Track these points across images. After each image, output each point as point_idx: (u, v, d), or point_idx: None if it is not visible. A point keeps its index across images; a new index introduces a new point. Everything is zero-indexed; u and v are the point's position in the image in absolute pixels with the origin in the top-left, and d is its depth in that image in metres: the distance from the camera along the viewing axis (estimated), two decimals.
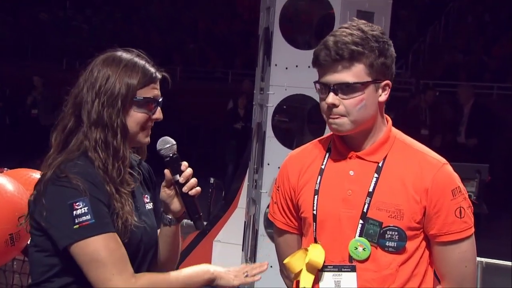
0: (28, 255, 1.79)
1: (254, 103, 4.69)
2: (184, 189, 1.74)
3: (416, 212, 1.71)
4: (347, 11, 4.13)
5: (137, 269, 1.70)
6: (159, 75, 1.75)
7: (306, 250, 1.78)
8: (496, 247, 6.08)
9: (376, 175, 1.73)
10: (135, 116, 1.71)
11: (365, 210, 1.72)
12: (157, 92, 1.74)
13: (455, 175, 1.76)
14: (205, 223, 5.15)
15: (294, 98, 4.34)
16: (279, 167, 4.33)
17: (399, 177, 1.72)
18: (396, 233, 1.70)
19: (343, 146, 1.78)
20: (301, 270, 1.77)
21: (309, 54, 4.43)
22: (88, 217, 1.60)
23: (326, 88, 1.72)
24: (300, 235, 1.87)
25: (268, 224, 4.49)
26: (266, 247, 4.32)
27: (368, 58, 1.70)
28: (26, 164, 2.88)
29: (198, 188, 1.75)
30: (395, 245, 1.71)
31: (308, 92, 4.22)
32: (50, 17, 16.34)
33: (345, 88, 1.70)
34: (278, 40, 4.24)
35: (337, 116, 1.72)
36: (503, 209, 8.39)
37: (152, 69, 1.74)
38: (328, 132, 4.64)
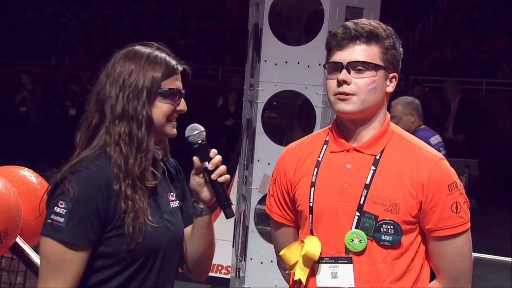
0: None
1: (244, 99, 4.69)
2: (213, 176, 1.72)
3: (412, 206, 1.71)
4: (336, 7, 4.13)
5: (159, 268, 1.69)
6: (180, 67, 1.75)
7: (302, 242, 1.78)
8: (485, 241, 6.13)
9: (373, 167, 1.74)
10: (161, 107, 1.70)
11: (361, 203, 1.72)
12: (179, 83, 1.74)
13: (452, 170, 1.77)
14: None
15: (284, 94, 4.34)
16: (269, 163, 4.36)
17: (396, 171, 1.73)
18: (391, 226, 1.70)
19: (340, 139, 1.78)
20: (296, 262, 1.78)
21: (298, 50, 4.46)
22: (61, 219, 1.60)
23: (338, 67, 1.73)
24: (296, 228, 1.87)
25: (259, 220, 4.50)
26: (256, 243, 4.32)
27: (384, 42, 1.73)
28: (15, 161, 2.86)
29: (227, 176, 1.73)
30: (390, 239, 1.71)
31: (298, 88, 4.22)
32: (38, 14, 16.22)
33: (359, 66, 1.71)
34: (268, 36, 4.24)
35: (346, 94, 1.72)
36: (491, 204, 8.45)
37: (174, 61, 1.74)
38: (317, 130, 4.64)
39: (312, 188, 1.77)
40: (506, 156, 9.40)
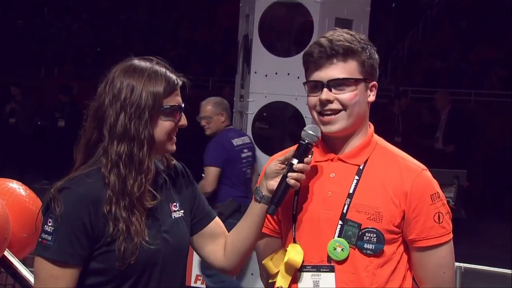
0: None
1: (234, 110, 4.70)
2: (289, 174, 1.71)
3: (395, 215, 1.73)
4: (326, 19, 4.16)
5: (159, 280, 1.67)
6: (180, 82, 1.72)
7: (285, 250, 1.78)
8: (475, 252, 6.14)
9: (356, 177, 1.75)
10: (163, 125, 1.67)
11: (344, 211, 1.73)
12: (179, 98, 1.71)
13: (434, 181, 1.78)
14: None
15: (274, 105, 4.36)
16: (259, 174, 4.35)
17: (379, 181, 1.75)
18: (374, 235, 1.71)
19: (325, 149, 1.80)
20: (278, 272, 1.78)
21: (288, 61, 4.49)
22: (49, 238, 1.60)
23: (318, 85, 1.75)
24: (280, 238, 1.87)
25: None
26: None
27: (360, 56, 1.75)
28: (3, 173, 2.84)
29: (298, 184, 1.72)
30: (373, 248, 1.72)
31: (288, 99, 4.23)
32: (28, 24, 16.18)
33: (340, 84, 1.73)
34: (258, 47, 4.26)
35: (331, 113, 1.74)
36: (482, 213, 8.48)
37: (174, 76, 1.71)
38: None
39: (296, 197, 1.78)
40: (496, 167, 9.45)
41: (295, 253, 1.74)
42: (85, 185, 1.63)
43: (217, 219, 1.87)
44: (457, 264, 4.06)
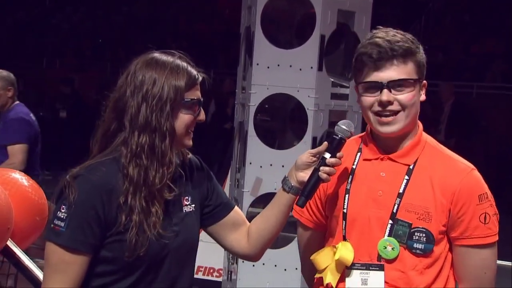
0: None
1: (236, 102, 4.69)
2: (322, 168, 1.73)
3: (442, 215, 1.74)
4: (328, 10, 4.14)
5: (168, 271, 1.69)
6: (200, 77, 1.74)
7: (334, 247, 1.79)
8: None
9: (406, 177, 1.77)
10: (183, 118, 1.69)
11: (394, 211, 1.75)
12: (199, 93, 1.73)
13: (483, 181, 1.80)
14: None
15: (276, 97, 4.35)
16: (261, 166, 4.37)
17: (429, 180, 1.76)
18: (424, 234, 1.73)
19: (375, 148, 1.81)
20: (326, 267, 1.79)
21: (291, 53, 4.47)
22: (62, 224, 1.62)
23: (376, 86, 1.75)
24: (323, 233, 1.89)
25: None
26: None
27: (417, 56, 1.77)
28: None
29: (329, 178, 1.74)
30: (422, 247, 1.74)
31: (290, 91, 4.22)
32: (29, 16, 16.15)
33: (400, 85, 1.74)
34: (260, 39, 4.24)
35: (391, 114, 1.75)
36: None
37: (194, 71, 1.73)
38: (309, 133, 4.64)
39: (347, 195, 1.80)
40: (498, 160, 9.44)
41: (346, 251, 1.76)
42: (100, 174, 1.64)
43: (236, 208, 1.89)
44: None
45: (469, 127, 8.37)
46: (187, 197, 1.78)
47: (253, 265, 4.31)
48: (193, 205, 1.79)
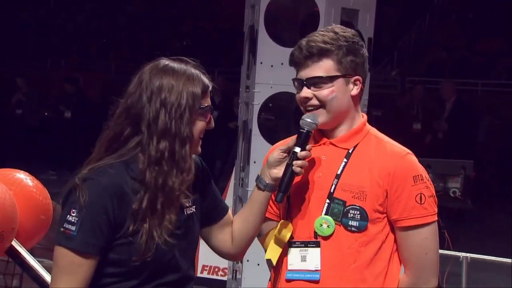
0: None
1: (239, 101, 4.69)
2: (295, 162, 1.79)
3: (378, 194, 1.83)
4: (332, 9, 4.13)
5: (170, 271, 1.71)
6: (211, 85, 1.78)
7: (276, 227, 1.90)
8: (481, 242, 6.13)
9: (345, 160, 1.87)
10: (198, 125, 1.72)
11: (331, 191, 1.85)
12: (209, 100, 1.77)
13: (419, 165, 1.89)
14: None
15: (280, 96, 4.34)
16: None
17: (366, 163, 1.86)
18: (358, 212, 1.82)
19: (318, 134, 1.92)
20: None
21: None
22: (73, 228, 1.62)
23: (300, 83, 1.89)
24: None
25: None
26: (253, 245, 4.31)
27: (336, 55, 1.86)
28: (10, 164, 2.85)
29: (302, 170, 1.81)
30: (357, 224, 1.82)
31: (294, 89, 4.21)
32: (33, 16, 16.18)
33: (316, 82, 1.86)
34: (263, 37, 4.24)
35: (313, 108, 1.87)
36: (489, 204, 8.46)
37: (206, 79, 1.77)
38: None
39: None
40: (503, 157, 9.42)
41: (283, 229, 1.87)
42: (109, 176, 1.65)
43: (229, 209, 1.93)
44: (463, 254, 4.07)
45: (469, 125, 8.35)
46: (188, 199, 1.78)
47: (258, 264, 4.31)
48: (194, 207, 1.80)
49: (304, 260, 1.84)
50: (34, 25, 15.91)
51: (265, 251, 1.97)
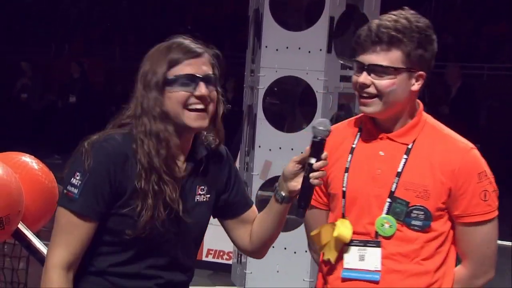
0: None
1: (244, 85, 4.67)
2: (311, 175, 1.70)
3: (441, 193, 1.77)
4: None
5: (169, 252, 1.72)
6: (198, 51, 1.70)
7: (334, 224, 1.83)
8: None
9: (405, 156, 1.79)
10: (174, 96, 1.66)
11: (393, 189, 1.78)
12: (196, 68, 1.68)
13: (482, 159, 1.83)
14: None
15: (285, 80, 4.33)
16: (270, 149, 4.36)
17: (427, 159, 1.79)
18: (422, 212, 1.77)
19: (374, 128, 1.84)
20: (326, 243, 1.84)
21: (299, 35, 4.44)
22: (76, 191, 1.65)
23: (360, 67, 1.79)
24: (328, 211, 1.92)
25: (260, 206, 4.48)
26: None
27: (406, 46, 1.76)
28: (15, 148, 2.85)
29: (321, 181, 1.73)
30: (420, 224, 1.77)
31: (299, 74, 4.20)
32: (37, 1, 16.11)
33: (378, 70, 1.76)
34: (268, 21, 4.22)
35: (368, 96, 1.78)
36: None
37: (187, 47, 1.70)
38: (318, 116, 4.59)
39: (346, 173, 1.83)
40: (510, 142, 9.39)
41: (344, 228, 1.80)
42: (115, 143, 1.67)
43: (253, 206, 1.89)
44: None
45: (472, 110, 8.32)
46: (202, 187, 1.77)
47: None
48: (208, 196, 1.78)
49: (362, 260, 1.79)
50: (38, 10, 15.86)
51: (310, 243, 1.94)
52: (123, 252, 1.70)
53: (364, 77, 1.77)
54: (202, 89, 1.67)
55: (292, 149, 4.18)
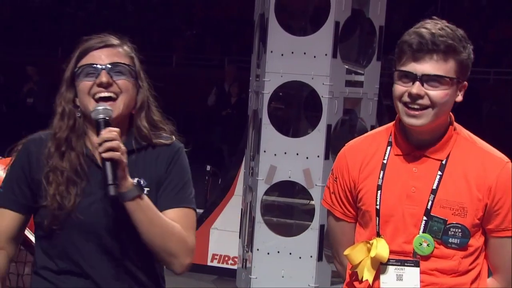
0: None
1: (250, 90, 4.67)
2: (100, 149, 1.61)
3: (478, 209, 1.75)
4: None
5: (99, 245, 1.70)
6: (107, 42, 1.75)
7: (368, 243, 1.80)
8: None
9: (439, 172, 1.76)
10: (80, 87, 1.73)
11: (428, 207, 1.75)
12: (96, 58, 1.72)
13: None
14: (201, 210, 5.15)
15: (290, 85, 4.33)
16: (275, 154, 4.36)
17: (463, 175, 1.75)
18: (459, 230, 1.74)
19: (405, 142, 1.79)
20: (361, 262, 1.81)
21: (305, 40, 4.44)
22: (2, 185, 1.78)
23: (411, 77, 1.70)
24: (355, 223, 1.90)
25: (265, 211, 4.49)
26: (263, 234, 4.33)
27: (460, 55, 1.71)
28: None
29: (115, 153, 1.59)
30: (458, 242, 1.75)
31: (304, 78, 4.20)
32: (44, 4, 16.19)
33: (434, 80, 1.69)
34: (274, 26, 4.22)
35: (419, 107, 1.70)
36: None
37: (96, 40, 1.77)
38: (324, 120, 4.58)
39: (379, 191, 1.79)
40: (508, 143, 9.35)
41: (381, 248, 1.77)
42: (36, 138, 1.79)
43: (179, 211, 1.74)
44: None
45: (474, 113, 8.30)
46: (137, 179, 1.68)
47: (268, 253, 4.32)
48: (147, 188, 1.70)
49: (401, 279, 1.76)
50: (45, 13, 15.93)
51: (336, 255, 1.95)
52: (52, 248, 1.73)
53: (418, 88, 1.68)
54: (102, 77, 1.69)
55: (297, 154, 4.18)
